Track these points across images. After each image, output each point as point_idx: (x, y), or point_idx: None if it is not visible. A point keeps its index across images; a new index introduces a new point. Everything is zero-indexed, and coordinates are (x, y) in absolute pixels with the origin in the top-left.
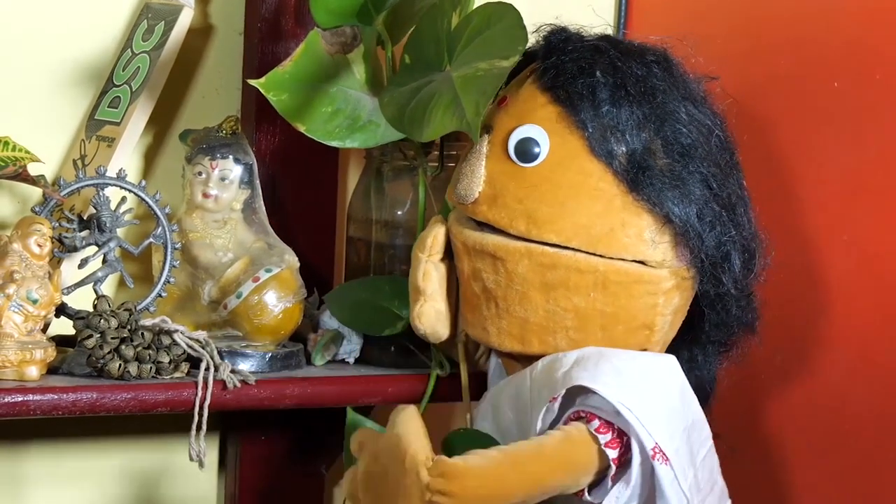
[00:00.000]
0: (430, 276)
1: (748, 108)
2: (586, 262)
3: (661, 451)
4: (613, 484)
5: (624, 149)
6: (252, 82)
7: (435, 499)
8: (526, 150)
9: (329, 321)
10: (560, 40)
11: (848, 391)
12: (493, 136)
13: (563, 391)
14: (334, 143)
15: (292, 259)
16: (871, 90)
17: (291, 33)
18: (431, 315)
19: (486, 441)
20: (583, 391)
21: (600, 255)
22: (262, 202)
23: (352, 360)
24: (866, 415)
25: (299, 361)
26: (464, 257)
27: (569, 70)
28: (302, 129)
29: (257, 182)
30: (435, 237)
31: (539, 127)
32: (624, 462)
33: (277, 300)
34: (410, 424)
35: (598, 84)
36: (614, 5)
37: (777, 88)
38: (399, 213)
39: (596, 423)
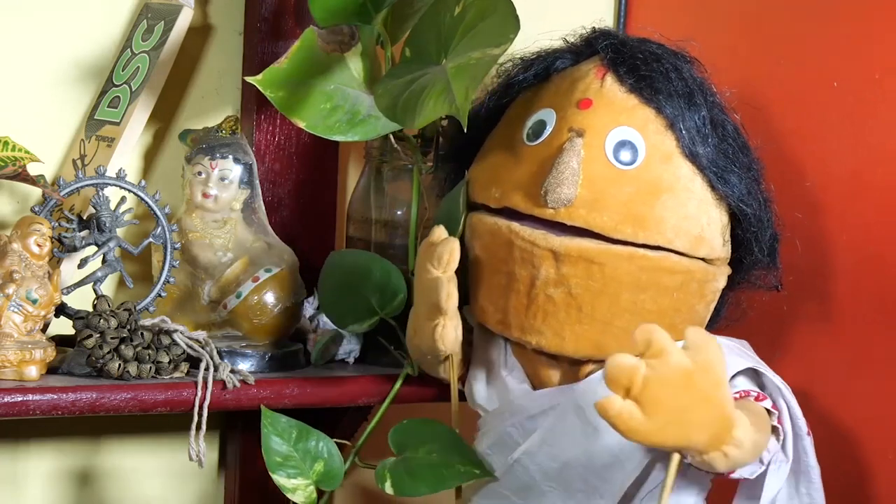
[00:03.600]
0: (453, 297)
1: (748, 108)
2: (680, 264)
3: (806, 426)
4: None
5: (705, 148)
6: (249, 79)
7: (726, 449)
8: (625, 153)
9: (329, 321)
10: (618, 43)
11: (848, 391)
12: (588, 139)
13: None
14: (336, 138)
15: (292, 259)
16: (871, 90)
17: (291, 33)
18: (452, 335)
19: (435, 429)
20: None
21: (690, 256)
22: (261, 202)
23: (352, 360)
24: (866, 414)
25: (299, 361)
26: (542, 263)
27: (646, 73)
28: (302, 125)
29: (257, 182)
30: (451, 253)
31: (634, 129)
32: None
33: (277, 300)
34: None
35: (678, 86)
36: (614, 1)
37: (777, 88)
38: (399, 213)
39: (769, 402)
